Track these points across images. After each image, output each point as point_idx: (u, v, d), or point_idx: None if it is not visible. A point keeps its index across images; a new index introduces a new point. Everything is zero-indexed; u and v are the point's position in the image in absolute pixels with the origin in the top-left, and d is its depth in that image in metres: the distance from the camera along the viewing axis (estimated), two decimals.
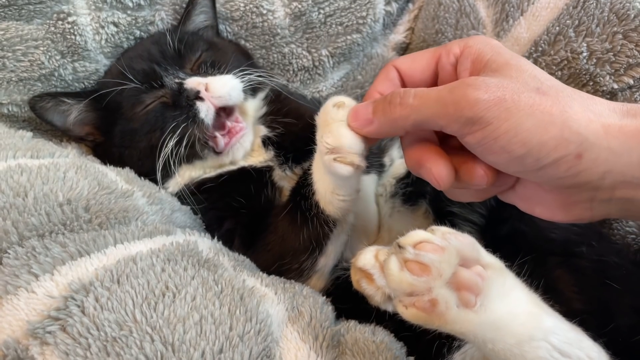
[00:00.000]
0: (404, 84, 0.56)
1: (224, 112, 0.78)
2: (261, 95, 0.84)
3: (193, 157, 0.77)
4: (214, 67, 0.81)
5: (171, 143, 0.73)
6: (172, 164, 0.74)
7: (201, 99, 0.74)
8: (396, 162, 0.78)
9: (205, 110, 0.74)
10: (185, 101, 0.75)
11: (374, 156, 0.77)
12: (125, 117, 0.79)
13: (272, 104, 0.84)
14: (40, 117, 0.81)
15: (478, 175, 0.49)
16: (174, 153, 0.73)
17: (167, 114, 0.76)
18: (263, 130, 0.82)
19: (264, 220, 0.74)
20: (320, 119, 0.58)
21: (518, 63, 0.47)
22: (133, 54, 0.86)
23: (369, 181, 0.77)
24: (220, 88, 0.75)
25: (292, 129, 0.81)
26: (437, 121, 0.47)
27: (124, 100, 0.79)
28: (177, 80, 0.77)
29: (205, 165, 0.79)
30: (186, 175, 0.79)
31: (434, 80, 0.55)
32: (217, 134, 0.76)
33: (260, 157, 0.81)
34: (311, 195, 0.65)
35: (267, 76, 0.83)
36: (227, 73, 0.80)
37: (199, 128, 0.74)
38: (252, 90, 0.81)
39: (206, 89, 0.75)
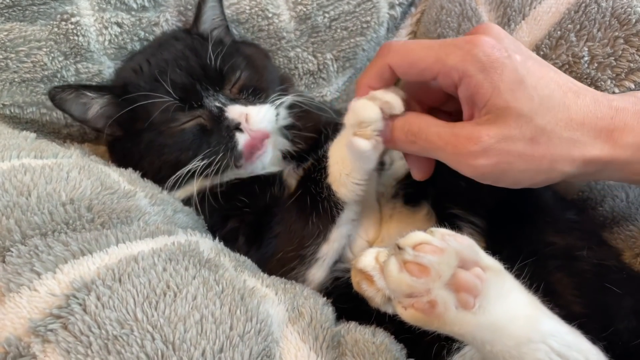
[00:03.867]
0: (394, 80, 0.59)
1: None
2: (285, 104, 0.83)
3: (216, 174, 0.76)
4: (254, 95, 0.80)
5: (200, 164, 0.73)
6: (192, 177, 0.74)
7: (241, 130, 0.74)
8: (396, 163, 0.78)
9: (243, 142, 0.74)
10: (225, 131, 0.75)
11: None
12: (156, 128, 0.77)
13: (297, 118, 0.84)
14: (58, 107, 0.79)
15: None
16: (199, 171, 0.74)
17: (204, 139, 0.76)
18: (286, 145, 0.82)
19: (269, 216, 0.74)
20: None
21: (516, 106, 0.50)
22: (168, 57, 0.81)
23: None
24: (259, 121, 0.75)
25: (310, 142, 0.81)
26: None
27: (157, 112, 0.76)
28: (217, 104, 0.76)
29: (223, 177, 0.78)
30: (200, 185, 0.78)
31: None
32: None
33: (275, 167, 0.81)
34: (323, 178, 0.67)
35: (297, 95, 0.83)
36: (265, 100, 0.80)
37: (234, 157, 0.75)
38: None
39: (246, 120, 0.74)
